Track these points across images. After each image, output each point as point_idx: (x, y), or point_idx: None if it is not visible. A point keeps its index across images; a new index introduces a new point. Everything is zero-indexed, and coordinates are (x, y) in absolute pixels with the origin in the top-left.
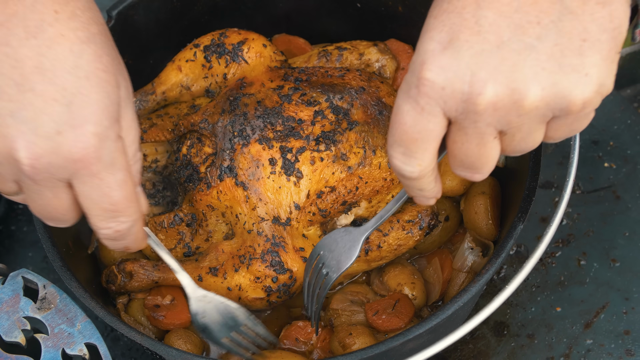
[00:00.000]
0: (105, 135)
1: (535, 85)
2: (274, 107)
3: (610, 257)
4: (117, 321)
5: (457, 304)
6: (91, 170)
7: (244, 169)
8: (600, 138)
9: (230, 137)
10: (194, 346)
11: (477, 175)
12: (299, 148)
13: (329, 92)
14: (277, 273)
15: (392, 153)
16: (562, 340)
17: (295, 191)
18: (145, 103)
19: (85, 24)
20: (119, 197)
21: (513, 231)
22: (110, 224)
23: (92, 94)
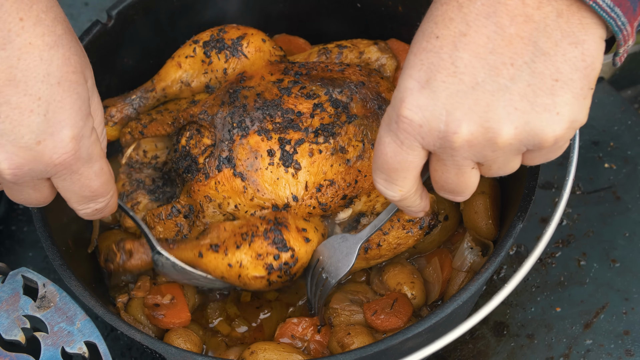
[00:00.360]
0: (81, 134)
1: (508, 125)
2: (274, 100)
3: (610, 257)
4: (117, 320)
5: (456, 303)
6: (71, 169)
7: (243, 160)
8: (601, 139)
9: (229, 128)
10: (193, 345)
11: (458, 197)
12: (298, 140)
13: (328, 85)
14: (279, 251)
15: (376, 178)
16: (561, 341)
17: (293, 183)
18: (146, 100)
19: (51, 26)
20: (97, 185)
21: (512, 230)
22: (90, 204)
23: (65, 98)
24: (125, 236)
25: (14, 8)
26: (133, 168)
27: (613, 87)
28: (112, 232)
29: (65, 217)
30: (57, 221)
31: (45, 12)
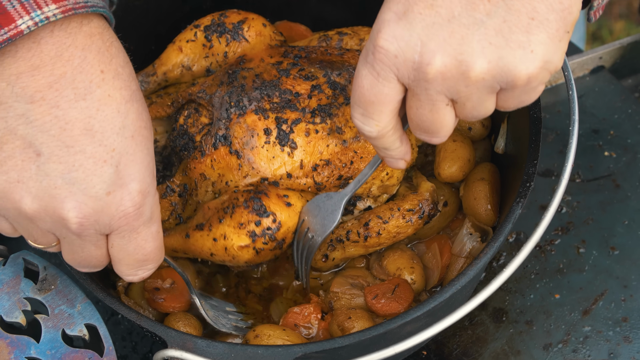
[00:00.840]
0: (148, 191)
1: (481, 59)
2: (272, 80)
3: (610, 245)
4: (117, 303)
5: (455, 287)
6: (132, 225)
7: (239, 138)
8: (601, 127)
9: (227, 107)
10: (193, 329)
11: (434, 138)
12: (295, 119)
13: (327, 68)
14: (260, 217)
15: (353, 113)
16: (560, 327)
17: (288, 161)
18: (147, 84)
19: (127, 81)
20: (151, 248)
21: (511, 215)
22: (138, 272)
23: (137, 152)
24: None
25: (97, 60)
26: None
27: (613, 76)
28: None
29: None
30: None
31: (122, 67)
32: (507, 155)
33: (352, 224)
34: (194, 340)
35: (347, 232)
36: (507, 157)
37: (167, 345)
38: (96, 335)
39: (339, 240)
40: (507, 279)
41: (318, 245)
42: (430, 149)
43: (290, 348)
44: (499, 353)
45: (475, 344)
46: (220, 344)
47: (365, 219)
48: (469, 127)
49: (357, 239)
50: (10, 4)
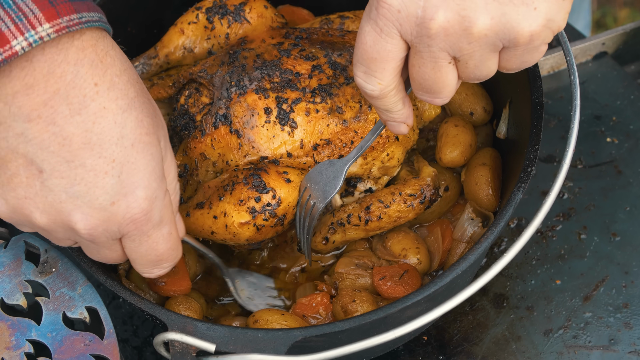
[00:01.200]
0: (154, 196)
1: (484, 15)
2: (273, 60)
3: (611, 231)
4: (118, 286)
5: (456, 272)
6: (142, 230)
7: (239, 117)
8: (603, 113)
9: (228, 86)
10: (194, 312)
11: (437, 99)
12: (295, 99)
13: (328, 48)
14: (260, 193)
15: (356, 71)
16: (561, 313)
17: (289, 141)
18: (149, 67)
19: (124, 90)
20: (164, 249)
21: (512, 200)
22: (154, 270)
23: (139, 160)
24: None
25: (89, 74)
26: None
27: (616, 62)
28: None
29: None
30: None
31: (118, 76)
32: (509, 141)
33: (354, 208)
34: (194, 324)
35: (348, 215)
36: (509, 142)
37: (168, 329)
38: (97, 318)
39: (340, 223)
40: (507, 264)
41: (319, 212)
42: (431, 133)
43: (290, 332)
44: (500, 338)
45: (476, 330)
46: (221, 327)
47: (367, 203)
48: (471, 112)
49: (358, 223)
50: (5, 24)
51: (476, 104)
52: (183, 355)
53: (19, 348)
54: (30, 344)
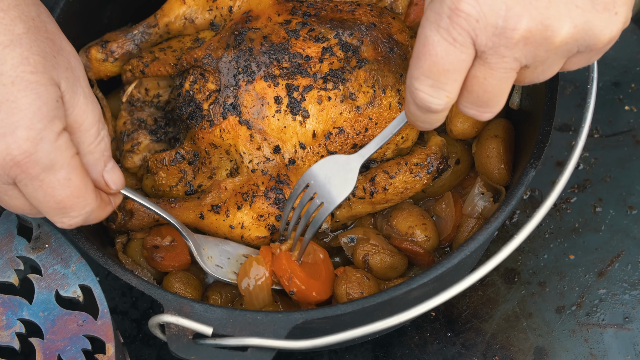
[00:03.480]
0: (40, 137)
1: (568, 23)
2: (281, 43)
3: (628, 204)
4: (112, 263)
5: (464, 253)
6: (30, 174)
7: (248, 107)
8: (622, 80)
9: (235, 73)
10: (193, 289)
11: (487, 114)
12: (306, 86)
13: (338, 27)
14: (281, 211)
15: (419, 86)
16: (574, 289)
17: (301, 131)
18: (148, 36)
19: (9, 25)
20: (63, 196)
21: (524, 178)
22: (63, 219)
23: (20, 99)
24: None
25: None
26: (134, 106)
27: (636, 26)
28: None
29: None
30: None
31: (4, 11)
32: (522, 111)
33: (358, 180)
34: (191, 304)
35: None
36: (523, 113)
37: (163, 310)
38: (91, 297)
39: None
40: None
41: (327, 215)
42: None
43: (290, 314)
44: (510, 315)
45: (486, 305)
46: (219, 308)
47: (371, 174)
48: None
49: (363, 195)
50: None
51: None
52: (179, 337)
53: (10, 328)
54: (21, 323)
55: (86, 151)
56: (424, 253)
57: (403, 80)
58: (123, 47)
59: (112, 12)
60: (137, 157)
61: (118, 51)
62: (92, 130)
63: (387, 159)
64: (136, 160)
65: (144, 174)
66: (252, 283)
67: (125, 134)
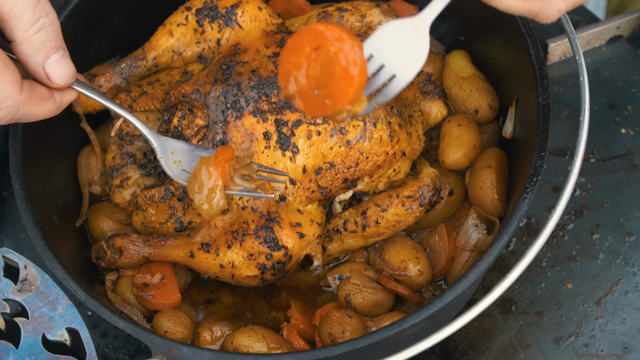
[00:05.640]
0: None
1: None
2: (269, 77)
3: (625, 230)
4: (99, 305)
5: (456, 292)
6: None
7: (237, 144)
8: (618, 102)
9: (223, 108)
10: (183, 327)
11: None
12: (295, 121)
13: None
14: (272, 250)
15: None
16: (572, 319)
17: (291, 166)
18: (136, 69)
19: None
20: None
21: (517, 212)
22: None
23: None
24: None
25: None
26: (124, 140)
27: (632, 46)
28: (102, 205)
29: (51, 190)
30: (42, 195)
31: None
32: (516, 140)
33: (350, 213)
34: (180, 348)
35: (345, 221)
36: (516, 142)
37: (151, 353)
38: (78, 340)
39: (336, 230)
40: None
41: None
42: (435, 132)
43: (280, 357)
44: (507, 346)
45: (483, 337)
46: (207, 352)
47: (363, 208)
48: (476, 110)
49: (355, 229)
50: None
51: (481, 101)
52: None
53: None
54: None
55: (21, 39)
56: (409, 294)
57: (393, 112)
58: (111, 80)
59: (99, 44)
60: (126, 192)
61: (106, 85)
62: (24, 16)
63: (379, 191)
64: (126, 195)
65: (133, 209)
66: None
67: (114, 168)
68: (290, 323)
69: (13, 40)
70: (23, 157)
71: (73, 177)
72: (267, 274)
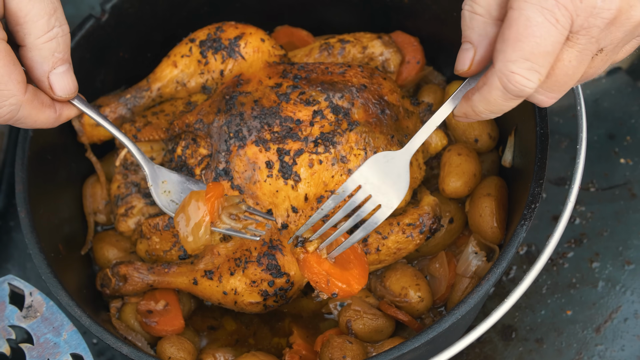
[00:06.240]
0: None
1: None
2: (272, 107)
3: (625, 258)
4: (103, 331)
5: (455, 317)
6: None
7: (240, 172)
8: (617, 132)
9: (226, 138)
10: (187, 354)
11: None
12: (297, 150)
13: (328, 90)
14: (274, 277)
15: (516, 69)
16: (572, 345)
17: (293, 195)
18: (140, 99)
19: None
20: None
21: (514, 240)
22: None
23: None
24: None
25: None
26: (128, 170)
27: (631, 78)
28: (106, 234)
29: (57, 219)
30: (47, 224)
31: None
32: (515, 169)
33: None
34: None
35: None
36: (515, 170)
37: None
38: None
39: None
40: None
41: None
42: (435, 161)
43: None
44: None
45: None
46: None
47: None
48: (476, 139)
49: None
50: None
51: (481, 130)
52: None
53: None
54: None
55: (32, 45)
56: (409, 320)
57: (394, 141)
58: (116, 111)
59: (105, 75)
60: (131, 220)
61: (111, 115)
62: (39, 22)
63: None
64: (130, 224)
65: (138, 238)
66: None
67: (119, 197)
68: (293, 349)
69: (23, 45)
70: (29, 186)
71: (78, 206)
72: (269, 301)
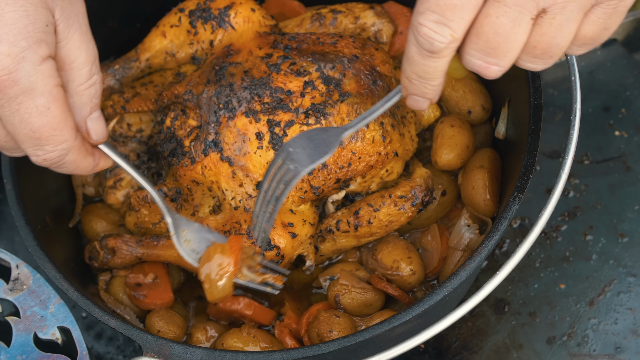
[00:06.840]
0: (22, 56)
1: None
2: (262, 78)
3: (618, 231)
4: (90, 304)
5: (446, 290)
6: (7, 93)
7: (230, 144)
8: (612, 105)
9: (216, 109)
10: (176, 327)
11: (494, 66)
12: (288, 121)
13: (320, 61)
14: (264, 250)
15: (423, 21)
16: (565, 319)
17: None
18: (129, 70)
19: None
20: (39, 125)
21: (507, 212)
22: (37, 152)
23: (6, 13)
24: (108, 232)
25: None
26: (117, 142)
27: (626, 50)
28: (95, 206)
29: (44, 191)
30: (35, 196)
31: None
32: (508, 141)
33: (342, 213)
34: (171, 346)
35: (337, 221)
36: (508, 142)
37: (143, 351)
38: (70, 338)
39: (329, 230)
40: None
41: (299, 178)
42: (428, 133)
43: (271, 355)
44: (500, 346)
45: (476, 337)
46: (198, 349)
47: (355, 208)
48: (469, 111)
49: (348, 229)
50: None
51: (474, 102)
52: None
53: None
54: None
55: (74, 91)
56: (400, 294)
57: (386, 113)
58: (104, 82)
59: None
60: (119, 193)
61: None
62: (83, 70)
63: (371, 192)
64: (119, 196)
65: (126, 210)
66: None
67: (107, 169)
68: (283, 322)
69: (65, 91)
70: (15, 158)
71: (66, 178)
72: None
